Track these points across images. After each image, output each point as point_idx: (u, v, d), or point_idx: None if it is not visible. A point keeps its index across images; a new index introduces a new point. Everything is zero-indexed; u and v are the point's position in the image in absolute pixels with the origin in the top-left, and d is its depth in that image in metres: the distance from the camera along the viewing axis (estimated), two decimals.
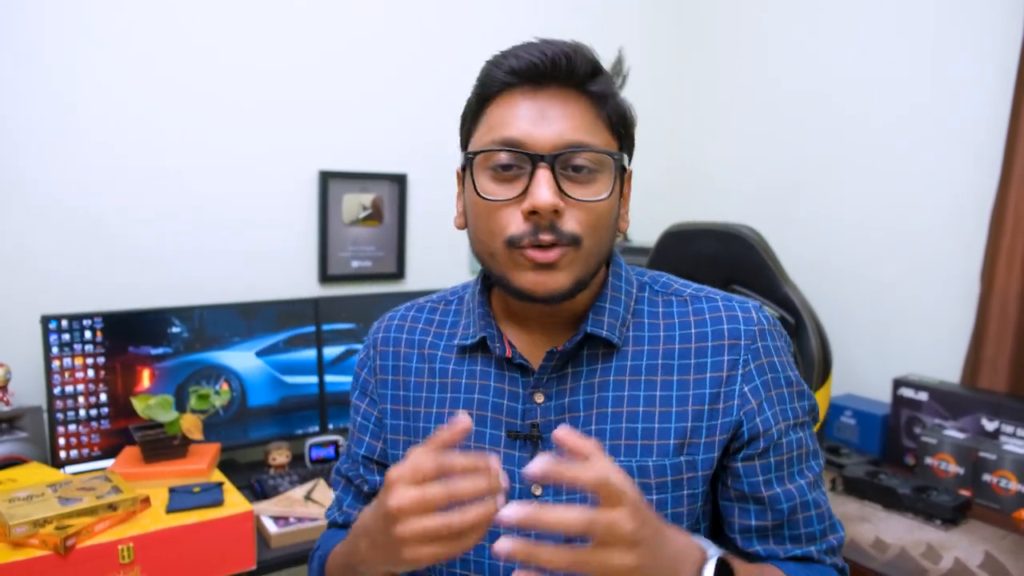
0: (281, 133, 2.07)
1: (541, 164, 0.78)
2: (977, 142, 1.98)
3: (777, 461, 0.86)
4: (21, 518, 1.33)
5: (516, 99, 0.81)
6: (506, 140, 0.79)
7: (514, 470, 0.86)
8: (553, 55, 0.79)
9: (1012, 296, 1.87)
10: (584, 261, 0.81)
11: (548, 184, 0.77)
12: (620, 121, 0.84)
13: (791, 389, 0.88)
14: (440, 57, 2.28)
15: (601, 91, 0.81)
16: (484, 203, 0.81)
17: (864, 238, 2.25)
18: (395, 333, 0.98)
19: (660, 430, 0.84)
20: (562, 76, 0.80)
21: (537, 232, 0.78)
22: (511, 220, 0.80)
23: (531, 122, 0.79)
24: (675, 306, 0.90)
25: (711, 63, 2.71)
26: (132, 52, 1.85)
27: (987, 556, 1.55)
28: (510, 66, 0.80)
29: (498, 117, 0.81)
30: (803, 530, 0.87)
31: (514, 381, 0.88)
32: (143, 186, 1.90)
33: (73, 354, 1.71)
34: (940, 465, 1.88)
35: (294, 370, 2.00)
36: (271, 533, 1.61)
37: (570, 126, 0.79)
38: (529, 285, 0.80)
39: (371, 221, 2.23)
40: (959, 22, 2.01)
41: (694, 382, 0.85)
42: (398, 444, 0.94)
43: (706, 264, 1.67)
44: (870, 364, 2.24)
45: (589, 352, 0.88)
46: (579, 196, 0.79)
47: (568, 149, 0.78)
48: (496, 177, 0.81)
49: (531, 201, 0.77)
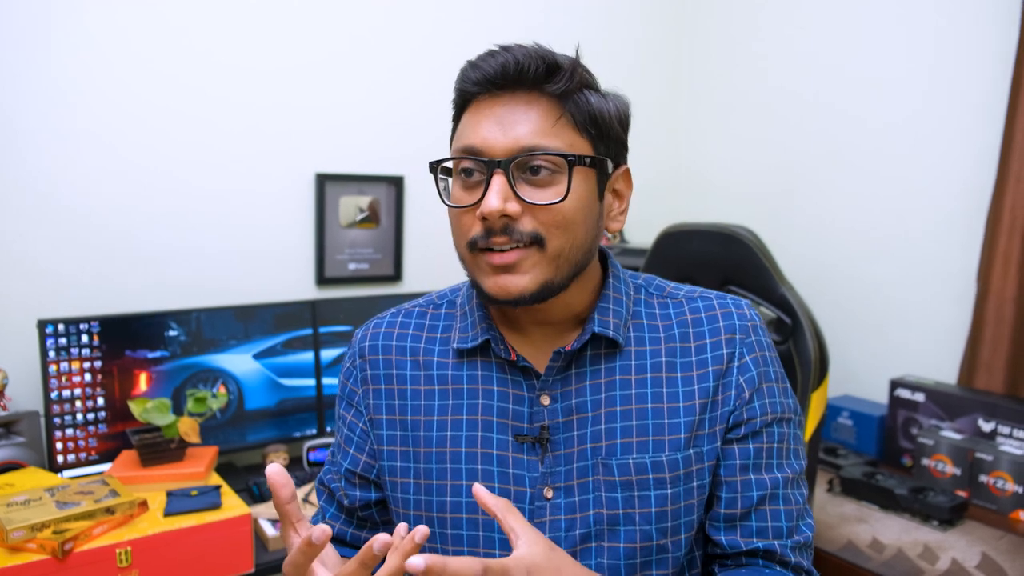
0: (278, 135, 2.07)
1: (496, 170, 0.79)
2: (974, 143, 1.99)
3: (756, 449, 0.88)
4: (19, 522, 1.33)
5: (481, 107, 0.83)
6: (466, 148, 0.82)
7: (524, 474, 0.86)
8: (503, 62, 0.80)
9: (1008, 297, 1.88)
10: (551, 262, 0.82)
11: (498, 190, 0.79)
12: (589, 120, 0.83)
13: (779, 385, 0.91)
14: (437, 59, 2.28)
15: (561, 90, 0.81)
16: (453, 210, 0.84)
17: (861, 239, 2.26)
18: (384, 341, 0.96)
19: (670, 425, 0.86)
20: (515, 81, 0.81)
21: (489, 235, 0.80)
22: (472, 225, 0.82)
23: (488, 129, 0.81)
24: (671, 307, 0.93)
25: (709, 64, 2.71)
26: (129, 55, 1.85)
27: (984, 557, 1.56)
28: (471, 76, 0.83)
29: (464, 126, 0.84)
30: (770, 523, 0.87)
31: (518, 384, 0.88)
32: (140, 190, 1.90)
33: (70, 358, 1.71)
34: (937, 466, 1.89)
35: (291, 373, 2.00)
36: (269, 536, 1.61)
37: (527, 130, 0.80)
38: (493, 288, 0.82)
39: (368, 223, 2.23)
40: (955, 23, 2.02)
41: (697, 377, 0.88)
42: (395, 455, 0.92)
43: (703, 265, 1.68)
44: (867, 365, 2.24)
45: (593, 353, 0.89)
46: (533, 199, 0.80)
47: (521, 154, 0.79)
48: (463, 184, 0.83)
49: (480, 208, 0.80)
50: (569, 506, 0.85)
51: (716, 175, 2.69)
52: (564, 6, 2.50)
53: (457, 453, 0.88)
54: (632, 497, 0.85)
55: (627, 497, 0.85)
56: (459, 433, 0.89)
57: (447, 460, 0.89)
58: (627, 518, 0.84)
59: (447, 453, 0.89)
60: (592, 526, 0.84)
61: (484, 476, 0.87)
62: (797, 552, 0.88)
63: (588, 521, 0.84)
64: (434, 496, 0.88)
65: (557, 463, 0.86)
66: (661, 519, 0.85)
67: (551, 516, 0.85)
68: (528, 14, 2.43)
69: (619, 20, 2.63)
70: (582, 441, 0.86)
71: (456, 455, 0.88)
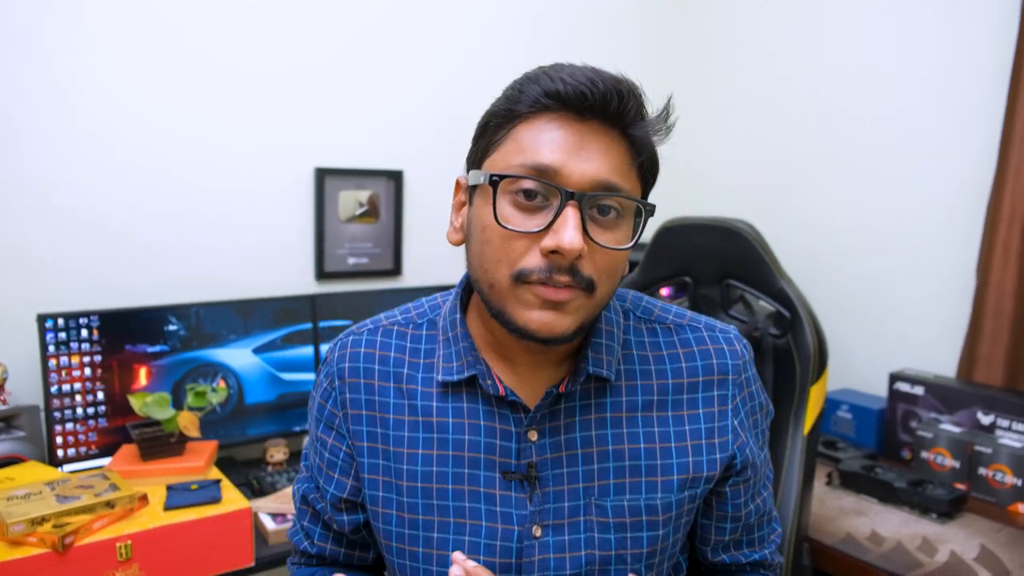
0: (277, 130, 2.06)
1: (571, 201, 0.72)
2: (973, 137, 1.99)
3: (753, 481, 0.92)
4: (19, 516, 1.33)
5: (553, 124, 0.74)
6: (538, 167, 0.73)
7: (512, 512, 0.83)
8: (606, 90, 0.72)
9: (1008, 290, 1.88)
10: (592, 308, 0.77)
11: (576, 225, 0.71)
12: (651, 170, 0.80)
13: (762, 414, 0.94)
14: (436, 54, 2.27)
15: (642, 136, 0.76)
16: (500, 230, 0.74)
17: (860, 233, 2.25)
18: (365, 363, 0.89)
19: (663, 467, 0.85)
20: (610, 113, 0.74)
21: (552, 272, 0.72)
22: (526, 253, 0.74)
23: (567, 153, 0.73)
24: (660, 335, 0.89)
25: (708, 60, 2.70)
26: (128, 51, 1.84)
27: (983, 549, 1.56)
28: (555, 88, 0.73)
29: (530, 139, 0.74)
30: (758, 534, 0.94)
31: (505, 419, 0.84)
32: (139, 184, 1.89)
33: (70, 352, 1.71)
34: (936, 459, 1.89)
35: (291, 367, 2.00)
36: (269, 530, 1.61)
37: (608, 166, 0.73)
38: (534, 324, 0.74)
39: (367, 218, 2.23)
40: (954, 17, 2.01)
41: (689, 417, 0.86)
42: (376, 484, 0.87)
43: (702, 259, 1.68)
44: (866, 359, 2.24)
45: (583, 388, 0.85)
46: (603, 242, 0.74)
47: (602, 190, 0.73)
48: (517, 204, 0.74)
49: (557, 241, 0.71)
50: (558, 544, 0.82)
51: (715, 170, 2.69)
52: (562, 4, 2.49)
53: (443, 490, 0.84)
54: (625, 538, 0.83)
55: (620, 538, 0.83)
56: (445, 469, 0.84)
57: (433, 496, 0.84)
58: (619, 559, 0.84)
59: (433, 489, 0.85)
60: (583, 566, 0.83)
61: (471, 514, 0.84)
62: (777, 552, 0.96)
63: (580, 561, 0.82)
64: (420, 531, 0.85)
65: (546, 500, 0.83)
66: (651, 557, 0.86)
67: (540, 555, 0.82)
68: (525, 13, 2.42)
69: (618, 16, 2.62)
70: (573, 479, 0.83)
71: (442, 491, 0.84)
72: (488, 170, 0.77)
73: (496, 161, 0.77)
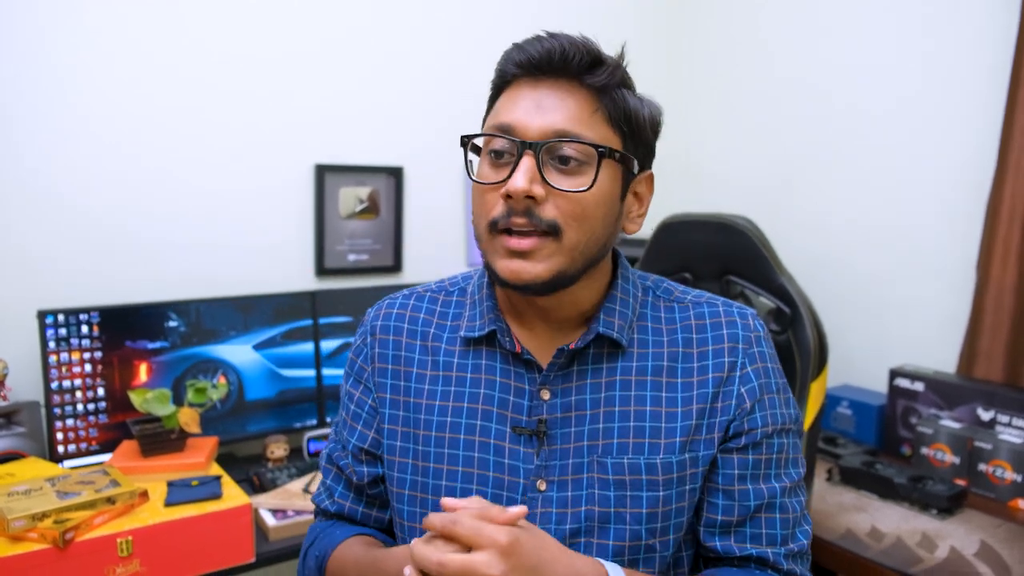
0: (277, 127, 2.06)
1: (527, 152, 0.79)
2: (973, 133, 1.98)
3: (755, 460, 0.89)
4: (20, 512, 1.33)
5: (520, 89, 0.83)
6: (499, 126, 0.82)
7: (519, 465, 0.87)
8: (549, 47, 0.80)
9: (1008, 286, 1.88)
10: (566, 253, 0.82)
11: (526, 171, 0.79)
12: (623, 117, 0.84)
13: (780, 396, 0.92)
14: (436, 51, 2.27)
15: (601, 84, 0.82)
16: (478, 186, 0.84)
17: (860, 229, 2.25)
18: (396, 322, 0.97)
19: (667, 429, 0.87)
20: (558, 68, 0.81)
21: (510, 215, 0.80)
22: (495, 203, 0.82)
23: (525, 111, 0.81)
24: (677, 311, 0.93)
25: (708, 55, 2.70)
26: (127, 47, 1.84)
27: (983, 545, 1.56)
28: (515, 58, 0.83)
29: (501, 105, 0.84)
30: (764, 530, 0.88)
31: (520, 377, 0.89)
32: (139, 181, 1.89)
33: (70, 348, 1.71)
34: (936, 455, 1.89)
35: (291, 363, 2.00)
36: (269, 526, 1.61)
37: (562, 116, 0.80)
38: (505, 272, 0.82)
39: (367, 214, 2.23)
40: (954, 15, 2.01)
41: (697, 383, 0.89)
42: (395, 435, 0.94)
43: (702, 255, 1.68)
44: (866, 355, 2.24)
45: (595, 351, 0.89)
46: (561, 185, 0.80)
47: (555, 138, 0.80)
48: (492, 163, 0.83)
49: (506, 185, 0.80)
50: (561, 500, 0.86)
51: (715, 166, 2.68)
52: (564, 0, 2.49)
53: (456, 439, 0.89)
54: (624, 496, 0.86)
55: (619, 496, 0.86)
56: (459, 420, 0.90)
57: (445, 445, 0.90)
58: (618, 517, 0.86)
59: (446, 438, 0.90)
60: (583, 522, 0.85)
61: (480, 464, 0.88)
62: (791, 560, 0.89)
63: (579, 517, 0.86)
64: (430, 479, 0.90)
65: (552, 457, 0.87)
66: (651, 519, 0.86)
67: (542, 508, 0.86)
68: (527, 5, 2.41)
69: (618, 16, 2.62)
70: (579, 438, 0.87)
71: (455, 441, 0.89)
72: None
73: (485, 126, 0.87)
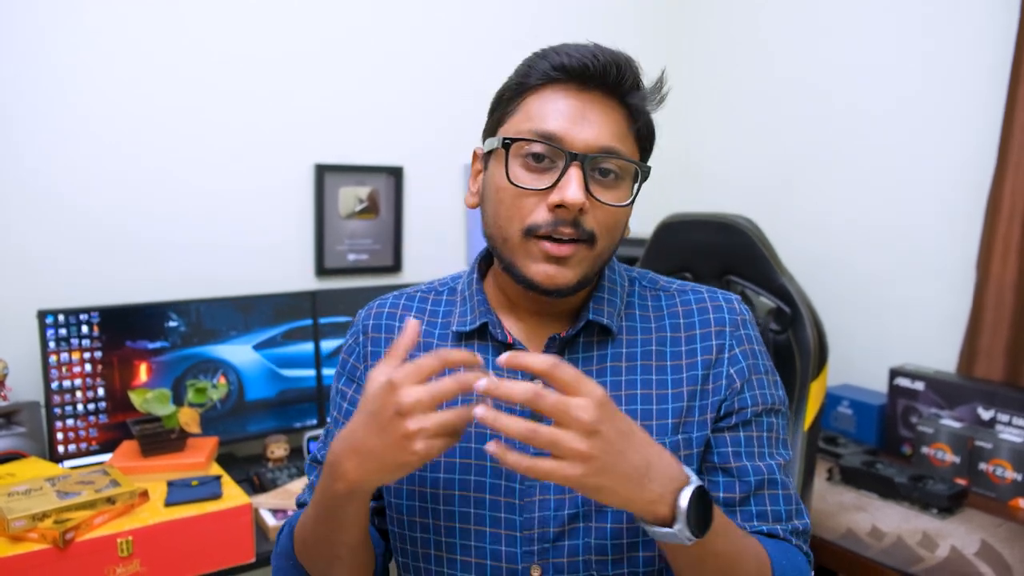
0: (276, 127, 2.06)
1: (575, 162, 0.81)
2: (973, 132, 1.98)
3: (747, 437, 0.90)
4: (20, 512, 1.33)
5: (559, 94, 0.83)
6: (545, 133, 0.82)
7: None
8: (605, 61, 0.82)
9: (1008, 285, 1.88)
10: (593, 260, 0.86)
11: (579, 182, 0.80)
12: (647, 136, 0.89)
13: (769, 377, 0.94)
14: (435, 51, 2.27)
15: (638, 105, 0.86)
16: (511, 189, 0.84)
17: (860, 228, 2.25)
18: (387, 320, 0.98)
19: (658, 411, 0.89)
20: (609, 83, 0.83)
21: (558, 224, 0.82)
22: (535, 209, 0.83)
23: (571, 120, 0.82)
24: (663, 300, 0.96)
25: (707, 55, 2.70)
26: (127, 47, 1.84)
27: (983, 544, 1.56)
28: (560, 62, 0.82)
29: (538, 108, 0.84)
30: (769, 507, 0.90)
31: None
32: (139, 181, 1.89)
33: (70, 348, 1.71)
34: (936, 454, 1.89)
35: (291, 363, 2.00)
36: (270, 526, 1.61)
37: (607, 131, 0.83)
38: (539, 276, 0.83)
39: (367, 214, 2.23)
40: (953, 14, 2.01)
41: (686, 366, 0.91)
42: None
43: (702, 255, 1.68)
44: (867, 354, 2.24)
45: (586, 340, 0.92)
46: (604, 199, 0.83)
47: (602, 152, 0.82)
48: (527, 166, 0.83)
49: (561, 195, 0.80)
50: (558, 486, 0.86)
51: (715, 165, 2.68)
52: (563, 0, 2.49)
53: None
54: None
55: None
56: None
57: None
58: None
59: None
60: (580, 506, 0.86)
61: (476, 454, 0.89)
62: (796, 536, 0.91)
63: (577, 502, 0.86)
64: (428, 472, 0.90)
65: None
66: None
67: (540, 495, 0.87)
68: (527, 5, 2.41)
69: (618, 16, 2.61)
70: None
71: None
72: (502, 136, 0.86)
73: (508, 129, 0.86)
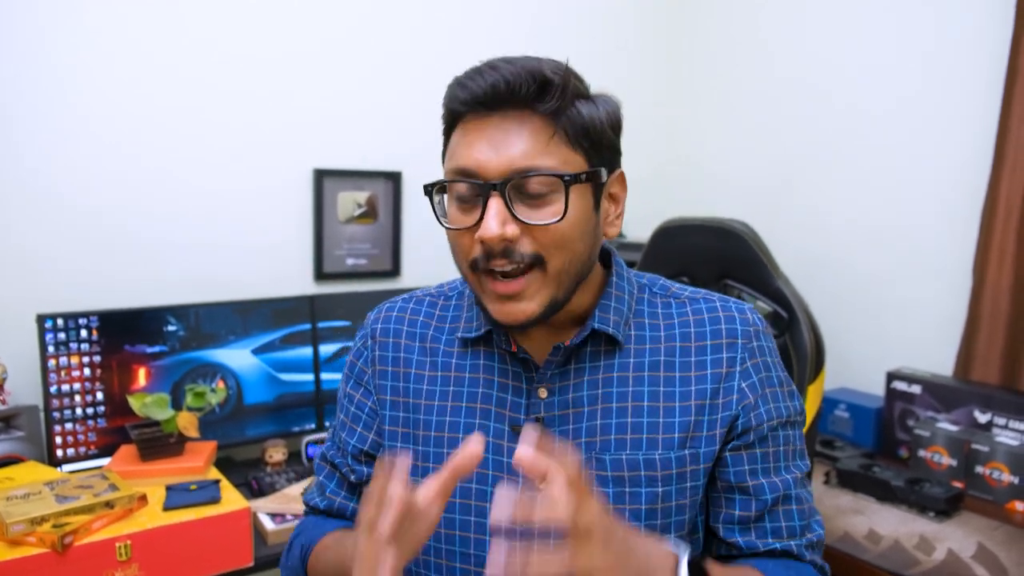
0: (275, 131, 2.07)
1: (492, 192, 0.78)
2: (968, 136, 1.99)
3: (763, 453, 0.88)
4: (18, 516, 1.34)
5: (470, 127, 0.81)
6: (459, 170, 0.80)
7: None
8: (492, 82, 0.78)
9: (1004, 289, 1.88)
10: (553, 281, 0.81)
11: (496, 214, 0.77)
12: (581, 133, 0.81)
13: (783, 389, 0.91)
14: (434, 55, 2.27)
15: (553, 109, 0.78)
16: (451, 231, 0.84)
17: (857, 232, 2.26)
18: (395, 324, 0.98)
19: (665, 424, 0.86)
20: (505, 100, 0.79)
21: (489, 258, 0.80)
22: (472, 245, 0.81)
23: (480, 151, 0.79)
24: (674, 307, 0.92)
25: (706, 58, 2.71)
26: (127, 47, 1.85)
27: (980, 547, 1.56)
28: (459, 96, 0.81)
29: (455, 144, 0.82)
30: (784, 523, 0.88)
31: (518, 376, 0.89)
32: (138, 185, 1.90)
33: (69, 353, 1.71)
34: (933, 457, 1.90)
35: (290, 368, 2.00)
36: (268, 530, 1.61)
37: (520, 152, 0.78)
38: (500, 315, 0.82)
39: (366, 219, 2.23)
40: (950, 16, 2.02)
41: (696, 378, 0.88)
42: (396, 436, 0.94)
43: (699, 259, 1.68)
44: (863, 358, 2.24)
45: (592, 349, 0.89)
46: (532, 220, 0.79)
47: (516, 175, 0.78)
48: (459, 205, 0.82)
49: (479, 232, 0.78)
50: None
51: (715, 165, 2.69)
52: (563, 1, 2.50)
53: (455, 439, 0.90)
54: (623, 493, 0.85)
55: (618, 493, 0.85)
56: (458, 419, 0.90)
57: (444, 445, 0.90)
58: (617, 513, 0.84)
59: (445, 438, 0.90)
60: None
61: (480, 463, 0.86)
62: (810, 550, 0.90)
63: None
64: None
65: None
66: (651, 516, 0.85)
67: None
68: (527, 7, 2.42)
69: (618, 16, 2.63)
70: (577, 435, 0.87)
71: (453, 440, 0.90)
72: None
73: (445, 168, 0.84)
